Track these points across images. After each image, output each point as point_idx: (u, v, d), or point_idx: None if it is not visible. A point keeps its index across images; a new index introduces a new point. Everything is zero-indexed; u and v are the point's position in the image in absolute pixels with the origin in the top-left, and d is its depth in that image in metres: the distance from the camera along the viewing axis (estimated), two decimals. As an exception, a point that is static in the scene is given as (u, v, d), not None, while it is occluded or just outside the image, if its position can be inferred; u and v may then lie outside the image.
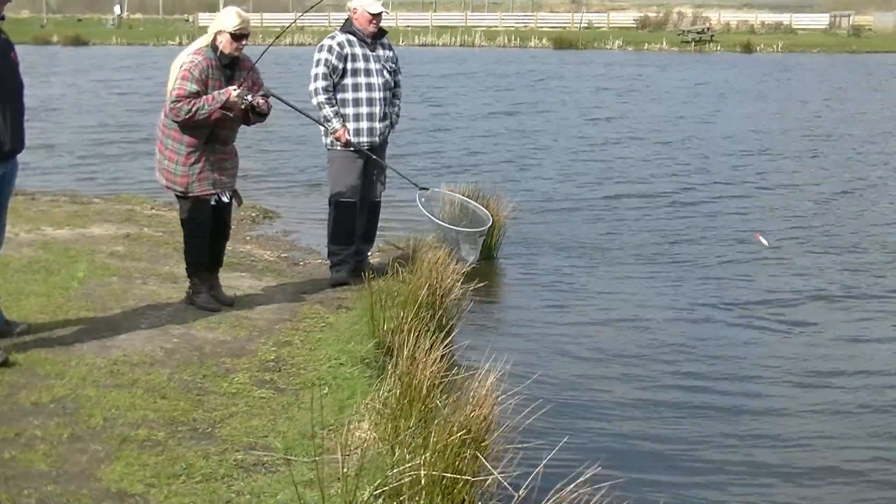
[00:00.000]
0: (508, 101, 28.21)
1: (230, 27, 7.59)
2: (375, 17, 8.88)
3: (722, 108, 27.20)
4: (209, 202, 7.87)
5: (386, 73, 9.05)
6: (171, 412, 5.95)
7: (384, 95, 9.01)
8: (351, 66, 8.83)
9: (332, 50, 8.83)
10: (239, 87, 7.60)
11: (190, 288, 8.13)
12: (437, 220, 10.37)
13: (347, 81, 8.86)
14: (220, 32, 7.64)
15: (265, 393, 6.41)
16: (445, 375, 6.05)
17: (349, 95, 8.88)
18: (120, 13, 77.93)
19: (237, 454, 5.47)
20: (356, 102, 8.88)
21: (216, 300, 8.11)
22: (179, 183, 7.75)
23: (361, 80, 8.87)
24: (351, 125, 8.89)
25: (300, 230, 11.97)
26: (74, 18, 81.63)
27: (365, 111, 8.90)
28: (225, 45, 7.64)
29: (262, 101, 7.72)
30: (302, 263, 10.16)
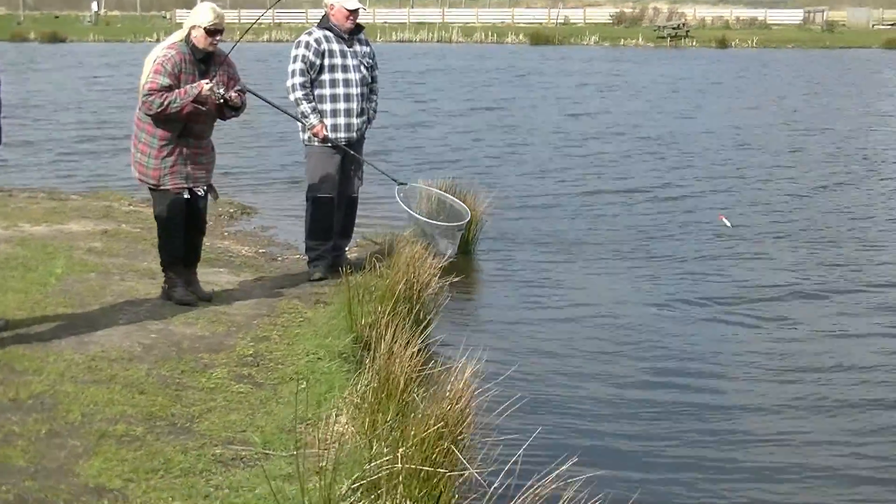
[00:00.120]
0: (487, 96, 28.23)
1: (204, 22, 7.61)
2: (352, 13, 8.90)
3: (700, 103, 27.30)
4: (182, 196, 7.88)
5: (363, 68, 9.07)
6: (149, 407, 5.95)
7: (361, 91, 9.04)
8: (328, 62, 8.86)
9: (309, 46, 8.85)
10: (211, 80, 7.62)
11: (166, 282, 8.14)
12: (416, 214, 10.40)
13: (325, 77, 8.89)
14: (194, 27, 7.66)
15: (243, 388, 6.42)
16: (422, 369, 6.10)
17: (326, 91, 8.90)
18: (97, 10, 77.61)
19: (215, 449, 5.49)
20: (333, 98, 8.91)
21: (193, 295, 8.12)
22: (151, 176, 7.77)
23: (339, 75, 8.89)
24: (328, 121, 8.92)
25: (278, 226, 11.97)
26: (52, 15, 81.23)
27: (342, 107, 8.93)
28: (199, 40, 7.66)
29: (234, 94, 7.73)
30: (280, 259, 10.17)
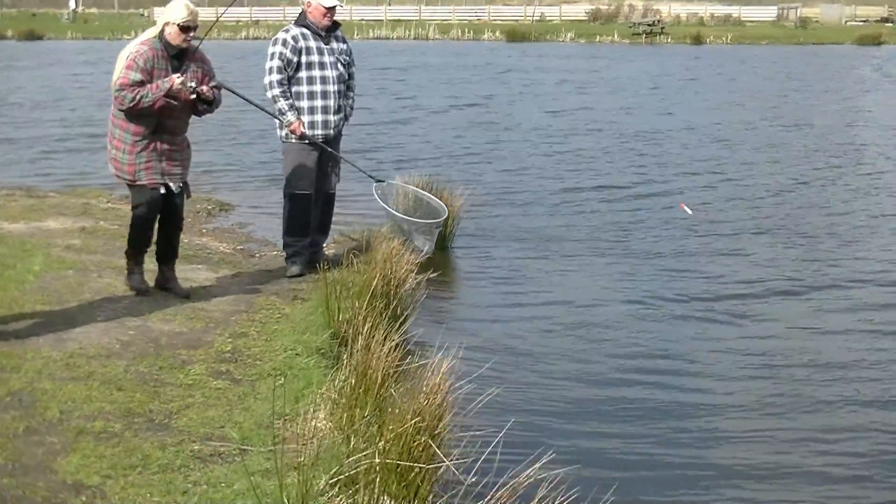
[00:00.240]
0: (466, 93, 28.20)
1: (178, 19, 7.64)
2: (330, 10, 8.92)
3: (678, 99, 27.39)
4: (159, 191, 7.90)
5: (340, 66, 9.09)
6: (127, 404, 5.97)
7: (338, 88, 9.06)
8: (305, 59, 8.88)
9: (286, 43, 8.87)
10: (182, 74, 7.63)
11: (126, 268, 8.23)
12: (393, 211, 10.43)
13: (302, 74, 8.91)
14: (168, 24, 7.69)
15: (221, 384, 6.44)
16: (400, 365, 6.13)
17: (304, 88, 8.92)
18: (75, 7, 77.16)
19: (194, 445, 5.51)
20: (311, 95, 8.93)
21: (147, 284, 8.20)
22: (127, 171, 7.80)
23: (316, 73, 8.91)
24: (306, 118, 8.94)
25: (256, 222, 11.96)
26: (29, 13, 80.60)
27: (319, 104, 8.95)
28: (173, 36, 7.68)
29: (205, 88, 7.75)
30: (258, 255, 10.18)
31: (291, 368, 6.71)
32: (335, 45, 9.12)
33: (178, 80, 7.56)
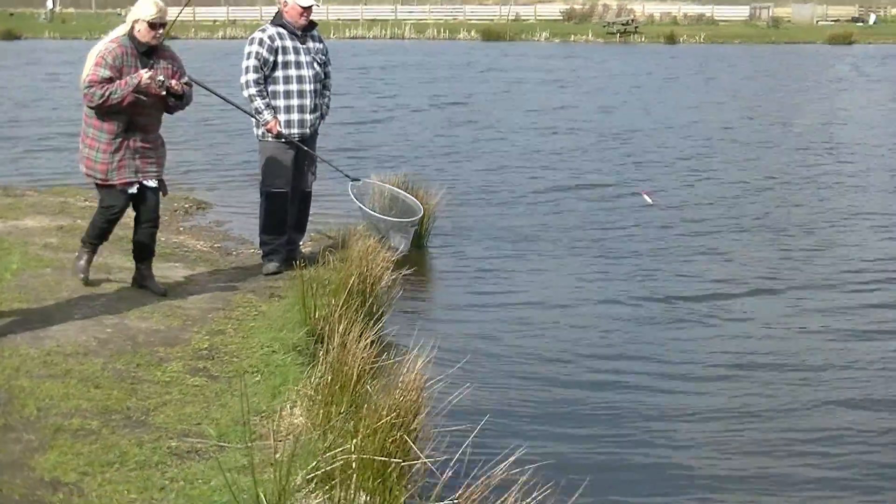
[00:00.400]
0: (445, 92, 28.22)
1: (147, 16, 7.66)
2: (306, 10, 8.95)
3: (656, 98, 27.48)
4: (126, 194, 7.94)
5: (316, 65, 9.13)
6: (104, 401, 5.99)
7: (314, 87, 9.10)
8: (281, 58, 8.91)
9: (262, 43, 8.90)
10: (150, 69, 7.66)
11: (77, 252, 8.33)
12: (368, 210, 10.47)
13: (278, 74, 8.94)
14: (137, 21, 7.70)
15: (198, 381, 6.47)
16: (375, 361, 6.16)
17: (280, 87, 8.96)
18: (52, 7, 76.76)
19: (171, 441, 5.53)
20: (287, 94, 8.96)
21: (88, 273, 8.24)
22: (99, 170, 7.80)
23: (292, 72, 8.95)
24: (282, 117, 8.97)
25: (233, 221, 11.97)
26: (6, 13, 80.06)
27: (296, 103, 8.98)
28: (142, 33, 7.70)
29: (174, 82, 7.77)
30: (235, 253, 10.20)
31: (268, 365, 6.74)
32: (311, 44, 9.16)
33: (146, 75, 7.58)
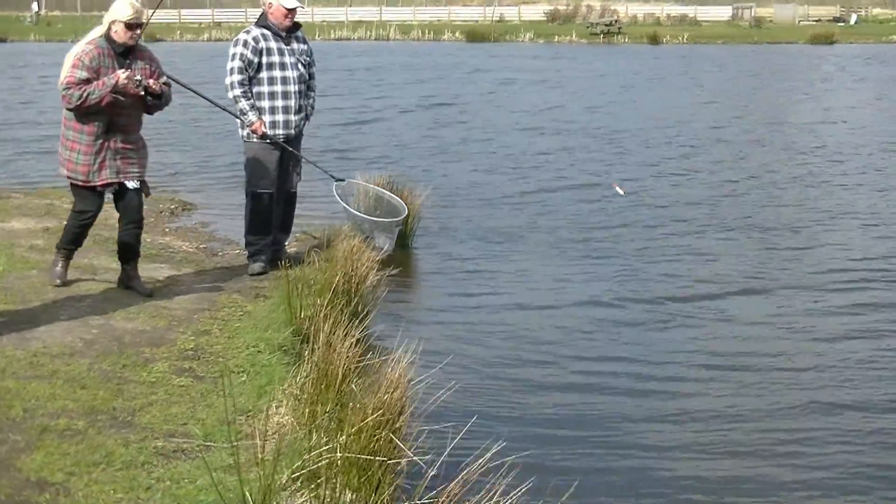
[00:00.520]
0: (431, 93, 28.22)
1: (124, 16, 7.68)
2: (291, 11, 8.98)
3: (642, 98, 27.50)
4: (102, 196, 7.99)
5: (301, 66, 9.17)
6: (90, 402, 6.01)
7: (299, 88, 9.13)
8: (266, 59, 8.94)
9: (247, 44, 8.92)
10: (127, 69, 7.68)
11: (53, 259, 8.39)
12: (353, 210, 10.50)
13: (263, 75, 8.97)
14: (114, 22, 7.72)
15: (184, 381, 6.49)
16: (361, 360, 6.18)
17: (265, 89, 8.99)
18: (38, 10, 76.62)
19: (157, 441, 5.55)
20: (272, 95, 9.00)
21: (64, 279, 8.28)
22: (81, 172, 7.82)
23: (277, 73, 8.98)
24: (267, 118, 9.00)
25: (219, 222, 11.99)
26: (-9, 16, 80.00)
27: (280, 104, 9.02)
28: (119, 34, 7.72)
29: (152, 82, 7.78)
30: (220, 254, 10.22)
31: (254, 365, 6.77)
32: (296, 45, 9.19)
33: (123, 75, 7.60)
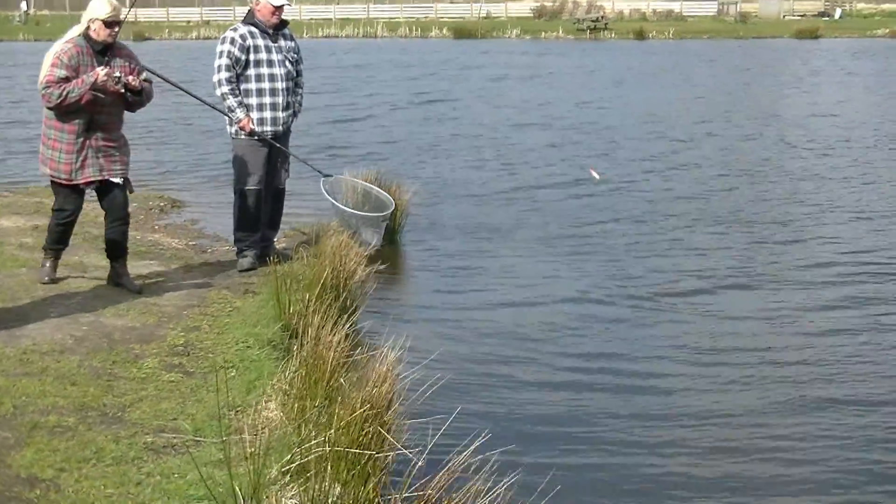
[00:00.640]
0: (420, 90, 28.18)
1: (102, 14, 7.70)
2: (278, 9, 9.01)
3: (630, 93, 27.46)
4: (82, 195, 8.03)
5: (288, 63, 9.19)
6: (81, 398, 6.04)
7: (287, 85, 9.16)
8: (253, 57, 8.97)
9: (234, 42, 8.95)
10: (106, 66, 7.70)
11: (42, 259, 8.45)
12: (340, 205, 10.52)
13: (250, 72, 8.99)
14: (92, 20, 7.75)
15: (174, 377, 6.52)
16: (349, 355, 6.22)
17: (252, 86, 9.01)
18: (27, 9, 76.40)
19: (147, 437, 5.58)
20: (259, 93, 9.02)
21: (55, 275, 8.34)
22: (63, 171, 7.84)
23: (264, 70, 9.01)
24: (255, 115, 9.03)
25: (208, 219, 12.01)
26: (-20, 16, 79.66)
27: (268, 101, 9.04)
28: (98, 32, 7.75)
29: (131, 78, 7.80)
30: (209, 250, 10.24)
31: (243, 360, 6.80)
32: (283, 42, 9.21)
33: (102, 72, 7.62)
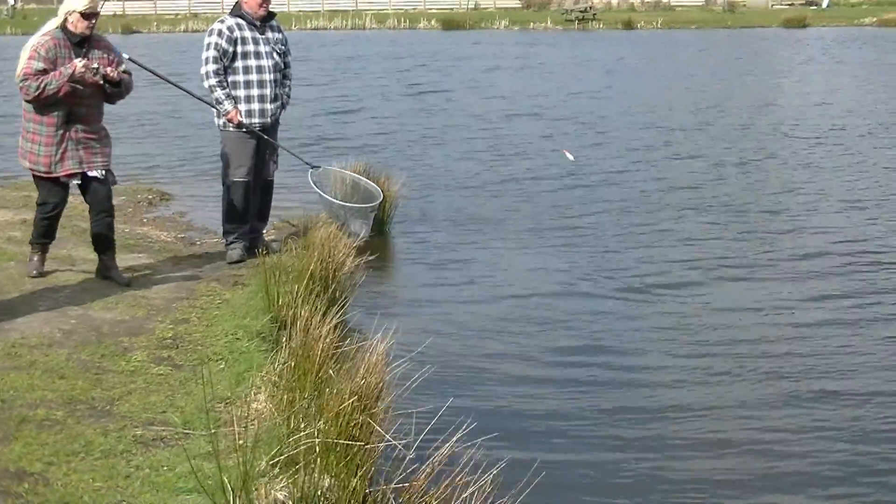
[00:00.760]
0: (411, 81, 28.15)
1: (80, 6, 7.71)
2: (265, 1, 9.01)
3: (621, 83, 27.42)
4: (65, 188, 8.01)
5: (275, 55, 9.18)
6: (69, 391, 6.03)
7: (274, 77, 9.15)
8: (241, 49, 8.96)
9: (221, 34, 8.94)
10: (84, 58, 7.69)
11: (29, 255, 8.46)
12: (327, 196, 10.51)
13: (238, 64, 8.98)
14: (70, 13, 7.75)
15: (163, 370, 6.52)
16: (338, 346, 6.22)
17: (240, 78, 9.00)
18: (14, 3, 76.10)
19: (136, 430, 5.57)
20: (247, 84, 9.01)
21: (43, 268, 8.34)
22: (43, 163, 7.84)
23: (252, 62, 8.99)
24: (242, 107, 9.02)
25: (196, 211, 11.99)
26: (-33, 11, 79.24)
27: (256, 93, 9.04)
28: (75, 24, 7.75)
29: (110, 70, 7.78)
30: (198, 243, 10.23)
31: (232, 352, 6.80)
32: (270, 34, 9.20)
33: (80, 63, 7.61)
